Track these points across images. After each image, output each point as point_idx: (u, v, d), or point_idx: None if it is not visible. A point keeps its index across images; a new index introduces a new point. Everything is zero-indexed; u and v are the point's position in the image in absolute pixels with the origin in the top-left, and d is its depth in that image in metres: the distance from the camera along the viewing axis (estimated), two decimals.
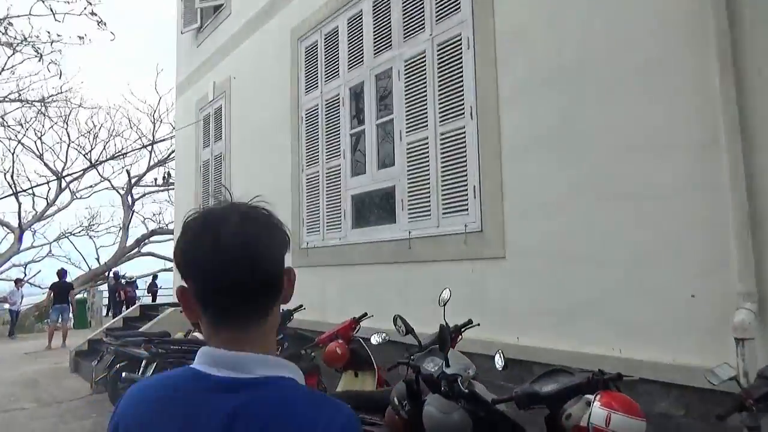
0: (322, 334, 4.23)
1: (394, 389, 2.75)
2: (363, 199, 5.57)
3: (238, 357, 0.87)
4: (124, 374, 5.60)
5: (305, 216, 6.31)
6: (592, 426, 1.95)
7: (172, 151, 22.58)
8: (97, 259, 24.20)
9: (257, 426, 0.81)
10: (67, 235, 24.94)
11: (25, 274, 26.37)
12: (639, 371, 2.71)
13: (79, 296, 16.61)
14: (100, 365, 6.43)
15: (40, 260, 26.01)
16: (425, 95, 4.74)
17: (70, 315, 14.14)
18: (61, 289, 13.66)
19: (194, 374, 0.88)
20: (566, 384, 2.16)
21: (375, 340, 3.60)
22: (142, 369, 5.55)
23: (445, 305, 3.03)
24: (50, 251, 26.13)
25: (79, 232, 25.34)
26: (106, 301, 18.43)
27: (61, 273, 14.39)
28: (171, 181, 17.45)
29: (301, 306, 4.95)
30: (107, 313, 18.47)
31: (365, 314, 4.28)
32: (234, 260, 0.87)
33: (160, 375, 0.95)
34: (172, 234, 21.79)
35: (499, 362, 2.55)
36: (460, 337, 3.26)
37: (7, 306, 16.08)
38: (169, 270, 25.09)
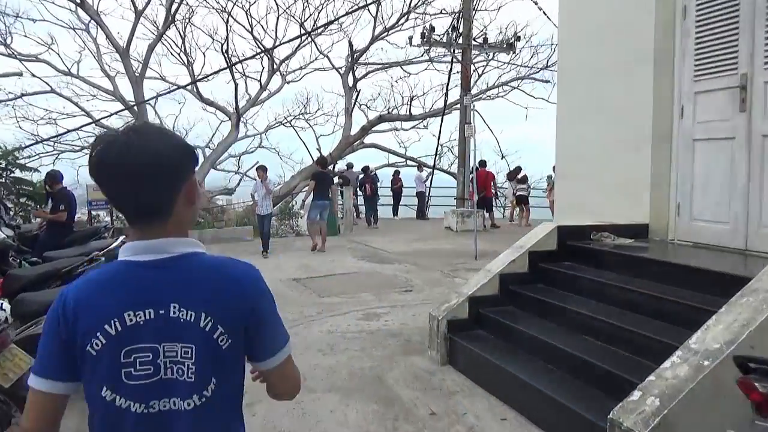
0: None
1: None
2: None
3: (158, 242, 1.10)
4: None
5: None
6: None
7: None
8: (319, 150, 21.00)
9: (200, 277, 1.11)
10: (280, 123, 22.01)
11: (238, 167, 24.28)
12: None
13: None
14: None
15: (252, 151, 23.76)
16: None
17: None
18: (324, 182, 9.92)
19: (124, 263, 1.11)
20: None
21: None
22: None
23: None
24: (261, 143, 23.70)
25: (292, 120, 22.30)
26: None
27: (323, 161, 10.61)
28: (434, 38, 12.57)
29: None
30: (358, 215, 15.04)
31: None
32: (129, 176, 1.06)
33: (95, 270, 1.17)
34: (439, 117, 17.28)
35: None
36: None
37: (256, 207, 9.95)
38: (392, 165, 21.26)
